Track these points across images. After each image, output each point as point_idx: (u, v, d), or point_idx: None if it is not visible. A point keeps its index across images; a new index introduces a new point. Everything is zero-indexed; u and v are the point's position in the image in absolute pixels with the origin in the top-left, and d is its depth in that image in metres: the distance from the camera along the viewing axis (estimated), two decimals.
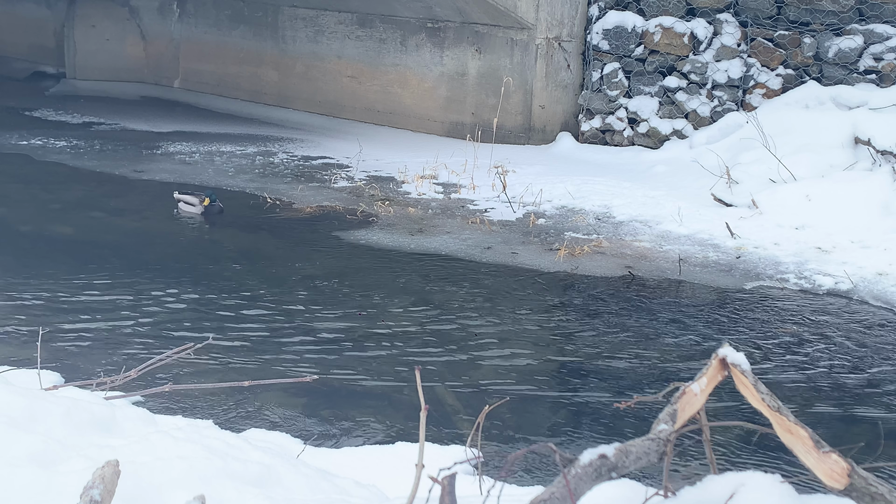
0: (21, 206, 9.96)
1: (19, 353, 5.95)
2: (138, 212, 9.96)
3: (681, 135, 12.10)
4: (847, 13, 11.48)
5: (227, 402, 5.58)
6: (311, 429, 5.29)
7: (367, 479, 4.03)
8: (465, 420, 5.46)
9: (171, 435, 3.43)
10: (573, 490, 2.47)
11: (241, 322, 6.94)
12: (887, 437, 5.33)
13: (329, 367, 6.16)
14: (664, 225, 9.58)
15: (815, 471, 2.69)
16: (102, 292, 7.40)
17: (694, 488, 2.78)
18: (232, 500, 3.08)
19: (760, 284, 8.14)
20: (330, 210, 10.17)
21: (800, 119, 10.81)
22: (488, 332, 6.94)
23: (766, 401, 2.80)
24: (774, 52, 11.77)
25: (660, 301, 7.73)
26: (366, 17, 14.78)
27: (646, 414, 5.47)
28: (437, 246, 9.00)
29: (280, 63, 16.27)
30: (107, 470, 2.50)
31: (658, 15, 12.29)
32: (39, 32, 20.41)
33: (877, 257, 8.50)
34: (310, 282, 7.91)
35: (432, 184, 11.22)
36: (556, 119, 13.04)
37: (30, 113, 15.55)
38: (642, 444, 2.76)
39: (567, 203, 10.39)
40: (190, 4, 17.80)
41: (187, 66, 18.08)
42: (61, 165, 11.91)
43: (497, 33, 13.09)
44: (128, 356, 6.09)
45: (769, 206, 9.59)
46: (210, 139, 13.71)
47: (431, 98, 14.05)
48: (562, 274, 8.36)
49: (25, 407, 3.38)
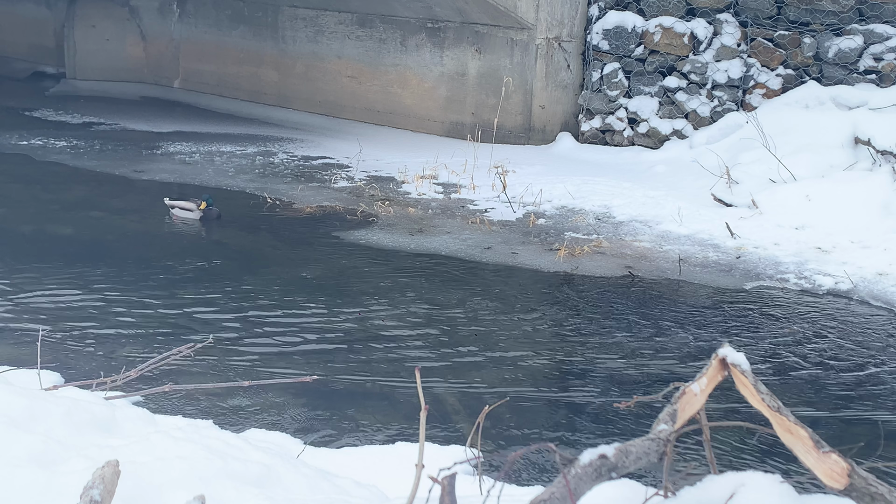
0: (21, 206, 9.96)
1: (19, 353, 5.95)
2: (138, 212, 9.96)
3: (681, 135, 12.10)
4: (847, 13, 11.48)
5: (227, 402, 5.58)
6: (311, 429, 5.29)
7: (367, 479, 4.03)
8: (464, 420, 5.46)
9: (171, 435, 3.43)
10: (573, 490, 2.47)
11: (241, 322, 6.94)
12: (887, 438, 5.34)
13: (329, 367, 6.16)
14: (664, 225, 9.58)
15: (815, 471, 2.69)
16: (102, 292, 7.41)
17: (694, 488, 2.78)
18: (232, 500, 3.08)
19: (760, 284, 8.14)
20: (330, 210, 10.17)
21: (800, 119, 10.82)
22: (488, 332, 6.95)
23: (766, 401, 2.80)
24: (774, 52, 11.77)
25: (660, 301, 7.73)
26: (366, 17, 14.78)
27: (645, 414, 5.47)
28: (437, 246, 9.00)
29: (280, 63, 16.27)
30: (107, 470, 2.50)
31: (658, 15, 12.29)
32: (39, 32, 20.41)
33: (877, 257, 8.50)
34: (310, 282, 7.91)
35: (432, 184, 11.22)
36: (556, 119, 13.04)
37: (30, 113, 15.55)
38: (642, 444, 2.76)
39: (567, 203, 10.38)
40: (190, 4, 17.80)
41: (187, 66, 18.08)
42: (61, 165, 11.92)
43: (497, 33, 13.09)
44: (128, 356, 6.10)
45: (769, 206, 9.59)
46: (210, 139, 13.71)
47: (431, 98, 14.05)
48: (562, 274, 8.36)
49: (25, 407, 3.38)
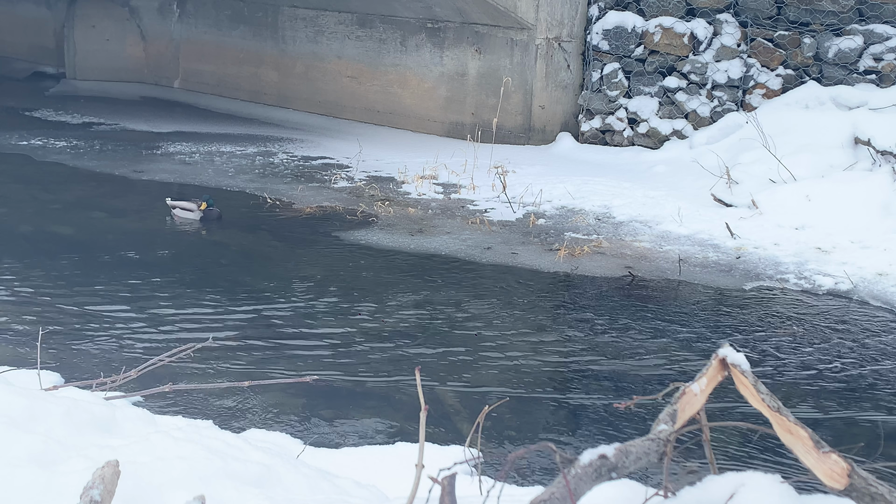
0: (21, 206, 9.97)
1: (19, 353, 5.96)
2: (138, 212, 9.96)
3: (681, 135, 12.10)
4: (847, 13, 11.48)
5: (227, 402, 5.58)
6: (311, 429, 5.29)
7: (367, 479, 4.03)
8: (464, 420, 5.46)
9: (171, 435, 3.43)
10: (573, 490, 2.46)
11: (241, 322, 6.94)
12: (887, 438, 5.34)
13: (329, 367, 6.17)
14: (664, 225, 9.58)
15: (815, 471, 2.69)
16: (102, 292, 7.41)
17: (694, 488, 2.78)
18: (232, 500, 3.08)
19: (760, 285, 8.13)
20: (330, 210, 10.17)
21: (800, 119, 10.82)
22: (488, 332, 6.94)
23: (766, 401, 2.80)
24: (774, 52, 11.77)
25: (659, 301, 7.72)
26: (366, 18, 14.78)
27: (645, 414, 5.48)
28: (437, 246, 9.00)
29: (280, 63, 16.27)
30: (107, 470, 2.50)
31: (658, 15, 12.29)
32: (39, 32, 20.42)
33: (877, 257, 8.50)
34: (309, 282, 7.91)
35: (432, 184, 11.22)
36: (556, 119, 13.04)
37: (30, 113, 15.55)
38: (642, 444, 2.76)
39: (567, 203, 10.38)
40: (190, 4, 17.80)
41: (187, 66, 18.08)
42: (61, 165, 11.92)
43: (497, 33, 13.09)
44: (128, 356, 6.10)
45: (769, 207, 9.59)
46: (210, 139, 13.71)
47: (431, 98, 14.05)
48: (562, 274, 8.36)
49: (25, 407, 3.38)
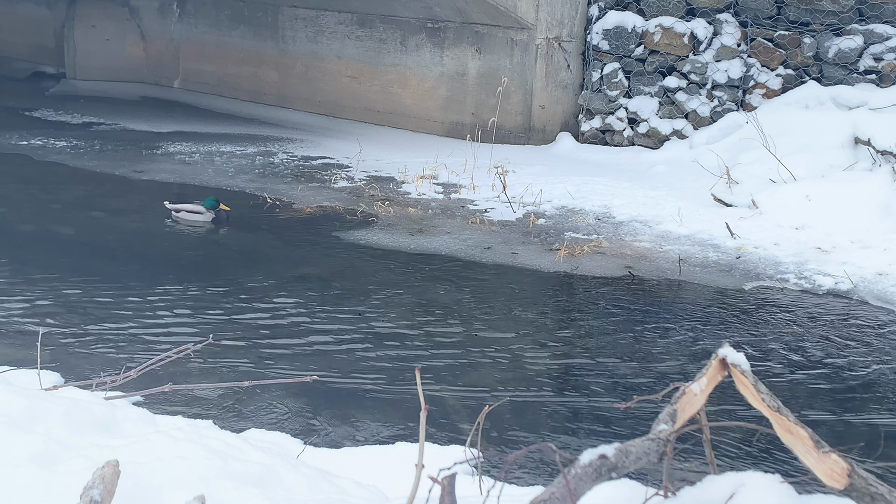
0: (21, 206, 9.96)
1: (19, 353, 5.95)
2: (138, 212, 9.95)
3: (681, 135, 12.10)
4: (847, 13, 11.48)
5: (227, 402, 5.58)
6: (311, 429, 5.29)
7: (367, 479, 4.03)
8: (464, 420, 5.46)
9: (171, 435, 3.43)
10: (573, 490, 2.47)
11: (241, 322, 6.94)
12: (887, 438, 5.33)
13: (329, 367, 6.16)
14: (664, 225, 9.58)
15: (815, 471, 2.69)
16: (102, 292, 7.41)
17: (694, 488, 2.78)
18: (232, 500, 3.08)
19: (760, 285, 8.13)
20: (330, 210, 10.17)
21: (800, 119, 10.81)
22: (488, 332, 6.94)
23: (766, 401, 2.80)
24: (774, 52, 11.77)
25: (660, 301, 7.72)
26: (366, 17, 14.78)
27: (645, 414, 5.47)
28: (437, 246, 9.00)
29: (280, 63, 16.27)
30: (107, 470, 2.50)
31: (658, 15, 12.28)
32: (39, 32, 20.41)
33: (877, 257, 8.50)
34: (310, 282, 7.91)
35: (432, 184, 11.22)
36: (556, 119, 13.04)
37: (30, 113, 15.54)
38: (642, 444, 2.77)
39: (567, 203, 10.38)
40: (190, 4, 17.80)
41: (187, 66, 18.08)
42: (61, 165, 11.91)
43: (497, 33, 13.09)
44: (128, 356, 6.10)
45: (769, 207, 9.59)
46: (210, 139, 13.71)
47: (431, 98, 14.04)
48: (562, 274, 8.36)
49: (25, 407, 3.38)
